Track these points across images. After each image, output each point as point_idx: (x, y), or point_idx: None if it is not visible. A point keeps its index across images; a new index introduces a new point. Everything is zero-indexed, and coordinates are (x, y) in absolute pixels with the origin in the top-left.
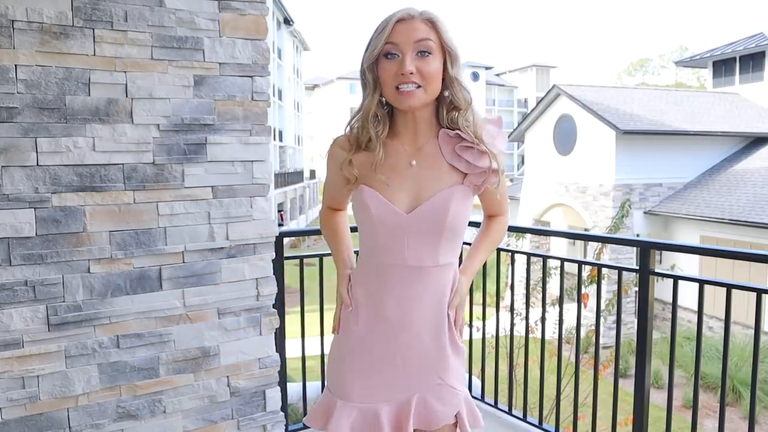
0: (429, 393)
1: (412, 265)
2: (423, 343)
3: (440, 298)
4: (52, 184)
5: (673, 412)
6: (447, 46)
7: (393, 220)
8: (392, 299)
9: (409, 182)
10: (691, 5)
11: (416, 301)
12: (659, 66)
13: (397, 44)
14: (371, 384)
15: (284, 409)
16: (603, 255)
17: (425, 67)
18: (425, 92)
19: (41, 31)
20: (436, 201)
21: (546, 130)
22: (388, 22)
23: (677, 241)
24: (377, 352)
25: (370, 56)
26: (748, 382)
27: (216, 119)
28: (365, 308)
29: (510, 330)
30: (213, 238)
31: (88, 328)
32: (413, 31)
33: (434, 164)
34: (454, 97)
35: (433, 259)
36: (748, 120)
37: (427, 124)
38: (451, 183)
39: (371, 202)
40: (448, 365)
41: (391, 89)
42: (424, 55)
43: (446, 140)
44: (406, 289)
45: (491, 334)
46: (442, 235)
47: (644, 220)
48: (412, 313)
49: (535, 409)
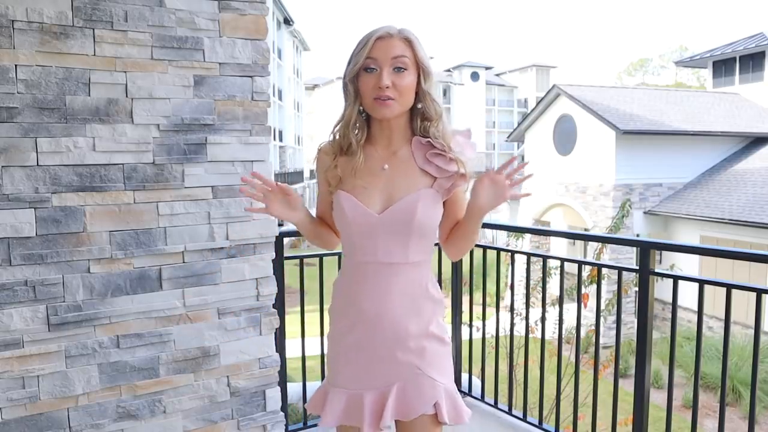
0: (407, 383)
1: (384, 262)
2: (399, 334)
3: (413, 293)
4: (52, 184)
5: (673, 412)
6: (421, 62)
7: (365, 221)
8: (368, 294)
9: (382, 185)
10: (691, 5)
11: (390, 295)
12: (659, 66)
13: (376, 59)
14: (357, 372)
15: (284, 409)
16: (603, 255)
17: (400, 82)
18: (399, 104)
19: (41, 31)
20: (406, 202)
21: (546, 130)
22: (368, 39)
23: (677, 241)
24: (360, 343)
25: (352, 70)
26: (748, 382)
27: (216, 119)
28: (348, 303)
29: (510, 330)
30: (213, 238)
31: (88, 328)
32: (391, 48)
33: (406, 168)
34: (426, 109)
35: (404, 256)
36: (748, 120)
37: (401, 132)
38: (420, 186)
39: (346, 204)
40: (426, 356)
41: (369, 100)
42: (400, 71)
43: (419, 147)
44: (380, 284)
45: (491, 334)
46: (411, 234)
47: (644, 220)
48: (386, 307)
49: (535, 409)
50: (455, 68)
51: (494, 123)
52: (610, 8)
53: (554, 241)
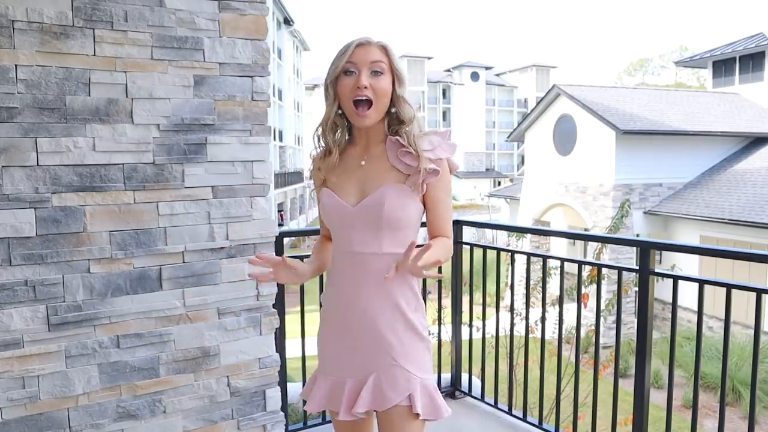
0: (383, 373)
1: (357, 251)
2: (375, 325)
3: (388, 285)
4: (52, 184)
5: (673, 412)
6: (395, 69)
7: (341, 213)
8: (347, 282)
9: (358, 180)
10: (691, 5)
11: (364, 286)
12: (659, 66)
13: (355, 63)
14: (338, 358)
15: (284, 409)
16: (603, 255)
17: (377, 84)
18: (376, 110)
19: (41, 31)
20: (376, 195)
21: (546, 130)
22: (349, 46)
23: (677, 241)
24: (340, 330)
25: (333, 73)
26: (748, 382)
27: (216, 119)
28: (333, 291)
29: (510, 330)
30: (213, 238)
31: (88, 328)
32: (369, 53)
33: (379, 165)
34: (399, 112)
35: (377, 246)
36: (748, 120)
37: (378, 133)
38: (392, 181)
39: (325, 198)
40: (402, 349)
41: (348, 103)
42: (377, 75)
43: (391, 146)
44: (357, 272)
45: (491, 334)
46: (381, 225)
47: (644, 220)
48: (361, 296)
49: (535, 409)
50: (455, 68)
51: (494, 123)
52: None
53: (554, 241)
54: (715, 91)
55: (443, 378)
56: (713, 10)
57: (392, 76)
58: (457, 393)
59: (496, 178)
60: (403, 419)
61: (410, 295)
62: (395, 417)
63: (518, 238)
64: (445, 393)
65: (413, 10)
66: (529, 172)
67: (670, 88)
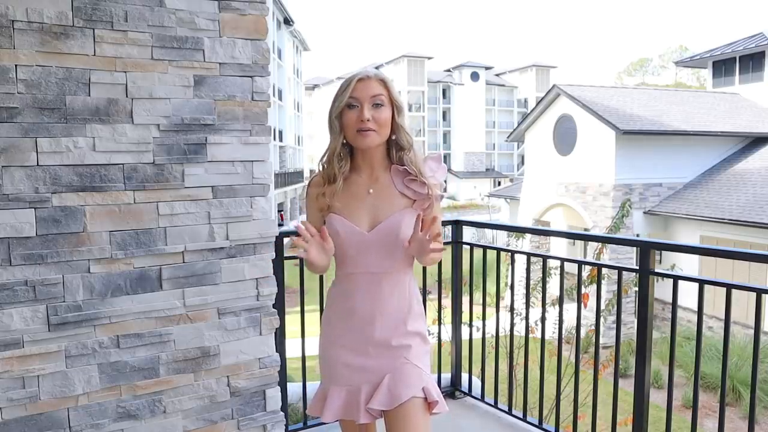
0: (396, 371)
1: (375, 272)
2: (388, 332)
3: (401, 295)
4: (52, 184)
5: (673, 412)
6: (395, 100)
7: (357, 238)
8: (360, 299)
9: (368, 207)
10: (691, 5)
11: (379, 300)
12: (659, 66)
13: (357, 98)
14: (353, 369)
15: (284, 409)
16: (603, 255)
17: (379, 116)
18: (378, 135)
19: (41, 31)
20: (392, 220)
21: (546, 130)
22: (350, 81)
23: (677, 241)
24: (354, 343)
25: (337, 107)
26: (748, 382)
27: (216, 119)
28: (343, 308)
29: (510, 330)
30: (213, 238)
31: (88, 328)
32: (370, 88)
33: (388, 193)
34: (399, 139)
35: (391, 266)
36: (748, 120)
37: (380, 160)
38: (401, 207)
39: (338, 225)
40: (411, 349)
41: (352, 132)
42: (378, 107)
43: (397, 173)
44: (371, 290)
45: (491, 334)
46: (396, 247)
47: (644, 220)
48: (377, 309)
49: (535, 409)
50: (455, 68)
51: (494, 123)
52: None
53: (554, 241)
54: (715, 91)
55: (443, 378)
56: (713, 10)
57: (392, 107)
58: (457, 393)
59: (496, 178)
60: (417, 412)
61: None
62: (410, 410)
63: (518, 238)
64: (445, 393)
65: (413, 10)
66: (529, 172)
67: (670, 88)
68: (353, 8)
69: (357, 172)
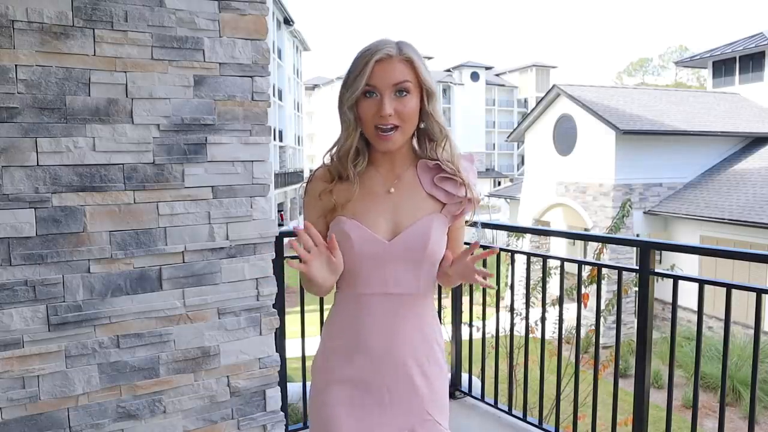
0: (417, 430)
1: (394, 293)
2: (409, 375)
3: (424, 327)
4: (52, 184)
5: (673, 412)
6: (424, 83)
7: (375, 249)
8: (375, 329)
9: (388, 209)
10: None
11: (400, 331)
12: (659, 66)
13: (376, 87)
14: (363, 417)
15: (284, 409)
16: (603, 255)
17: (403, 109)
18: (402, 133)
19: (41, 31)
20: (417, 228)
21: (546, 130)
22: (367, 61)
23: (677, 241)
24: (368, 385)
25: (350, 97)
26: (748, 382)
27: (216, 119)
28: (351, 341)
29: (510, 330)
30: (213, 238)
31: (88, 328)
32: (391, 73)
33: (412, 193)
34: (430, 129)
35: (415, 286)
36: (748, 120)
37: (404, 154)
38: (429, 212)
39: (352, 231)
40: (436, 399)
41: (371, 129)
42: (402, 95)
43: (425, 170)
44: (389, 318)
45: (491, 333)
46: (423, 262)
47: (644, 220)
48: (397, 343)
49: (535, 409)
50: (455, 68)
51: (494, 123)
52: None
53: (554, 241)
54: (715, 91)
55: None
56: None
57: (420, 92)
58: (457, 393)
59: (496, 178)
60: None
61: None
62: None
63: (518, 238)
64: None
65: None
66: (529, 172)
67: (670, 88)
68: (353, 8)
69: (374, 166)
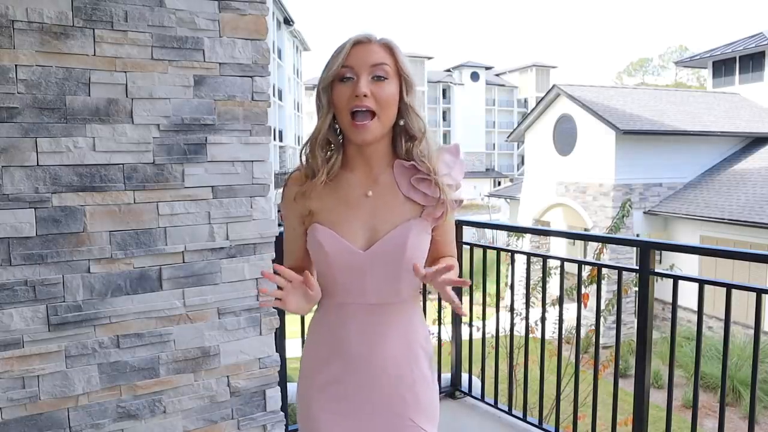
0: None
1: (374, 303)
2: (395, 383)
3: (408, 334)
4: (52, 184)
5: (673, 412)
6: (403, 72)
7: (351, 259)
8: (356, 337)
9: (365, 215)
10: (691, 5)
11: (381, 339)
12: (659, 66)
13: (353, 67)
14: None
15: (284, 409)
16: (603, 255)
17: (380, 92)
18: (380, 121)
19: (41, 31)
20: (394, 236)
21: (546, 130)
22: (344, 45)
23: (677, 241)
24: (350, 395)
25: (326, 78)
26: (748, 382)
27: (216, 119)
28: (332, 350)
29: (510, 330)
30: (213, 238)
31: (88, 328)
32: (369, 54)
33: (390, 196)
34: (408, 125)
35: (395, 295)
36: (748, 120)
37: (382, 154)
38: (408, 216)
39: (324, 240)
40: (419, 405)
41: (346, 116)
42: (380, 80)
43: (402, 171)
44: (369, 326)
45: (491, 333)
46: (402, 270)
47: (644, 220)
48: (378, 352)
49: (535, 409)
50: (455, 68)
51: (494, 123)
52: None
53: (554, 241)
54: (715, 91)
55: (443, 378)
56: (713, 10)
57: (399, 81)
58: (457, 393)
59: (496, 178)
60: None
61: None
62: None
63: (518, 238)
64: (445, 393)
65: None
66: (529, 172)
67: (670, 88)
68: (353, 8)
69: (350, 168)
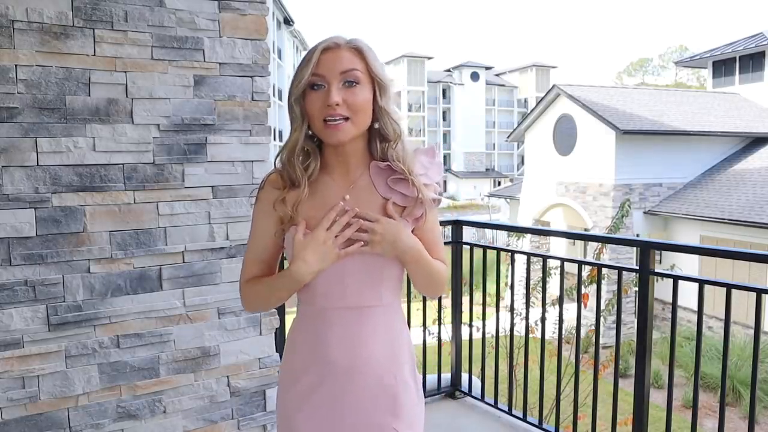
0: None
1: (353, 306)
2: (376, 390)
3: (389, 337)
4: (52, 184)
5: (673, 412)
6: (375, 75)
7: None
8: (337, 343)
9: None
10: (691, 5)
11: (362, 344)
12: (659, 66)
13: (323, 75)
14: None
15: None
16: (603, 255)
17: (352, 98)
18: (353, 124)
19: (41, 31)
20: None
21: (546, 130)
22: (313, 52)
23: (677, 241)
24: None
25: (296, 88)
26: (748, 382)
27: (216, 119)
28: (312, 357)
29: (510, 330)
30: (213, 238)
31: (88, 328)
32: (339, 60)
33: (368, 199)
34: (383, 128)
35: (376, 298)
36: (748, 120)
37: (359, 157)
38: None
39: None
40: (403, 412)
41: (318, 122)
42: (351, 86)
43: (378, 172)
44: (350, 331)
45: (491, 333)
46: (382, 273)
47: (644, 220)
48: (359, 357)
49: (535, 409)
50: (455, 68)
51: (494, 123)
52: (610, 8)
53: (554, 241)
54: (715, 91)
55: (443, 378)
56: (713, 10)
57: (372, 85)
58: (457, 393)
59: (496, 178)
60: None
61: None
62: None
63: (518, 238)
64: (445, 393)
65: (413, 10)
66: (529, 172)
67: (670, 88)
68: (353, 8)
69: (328, 171)
